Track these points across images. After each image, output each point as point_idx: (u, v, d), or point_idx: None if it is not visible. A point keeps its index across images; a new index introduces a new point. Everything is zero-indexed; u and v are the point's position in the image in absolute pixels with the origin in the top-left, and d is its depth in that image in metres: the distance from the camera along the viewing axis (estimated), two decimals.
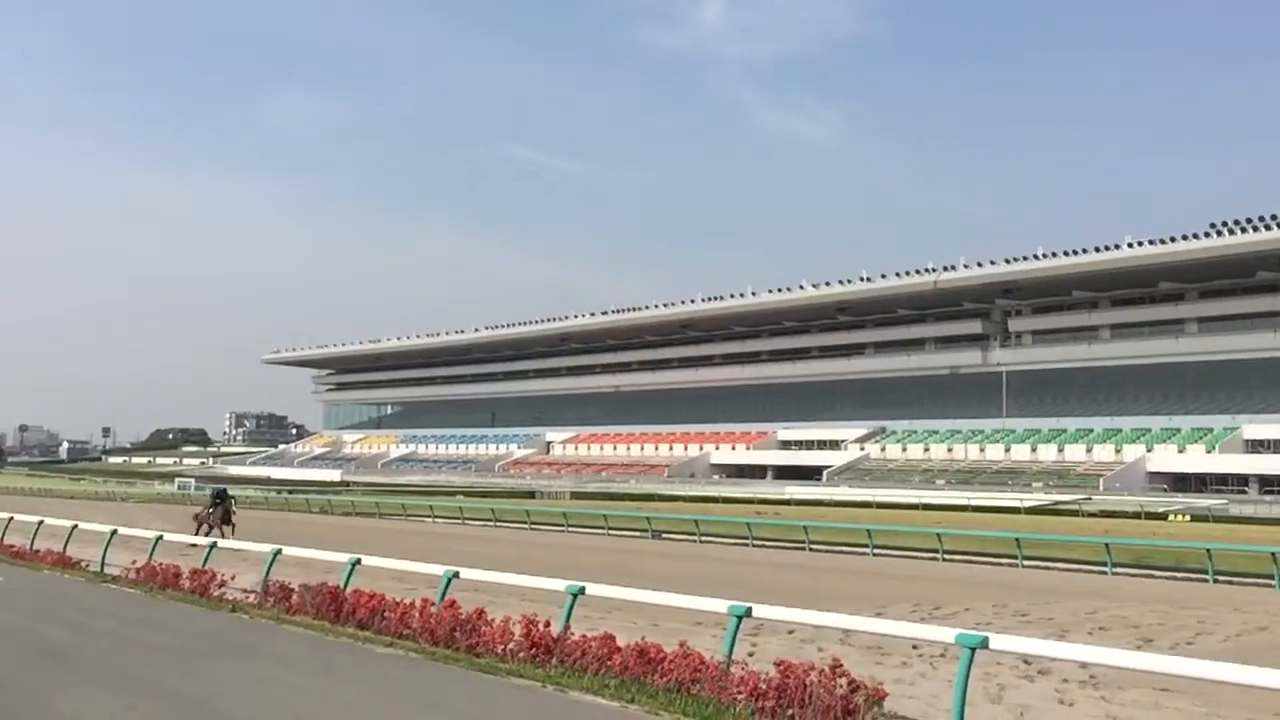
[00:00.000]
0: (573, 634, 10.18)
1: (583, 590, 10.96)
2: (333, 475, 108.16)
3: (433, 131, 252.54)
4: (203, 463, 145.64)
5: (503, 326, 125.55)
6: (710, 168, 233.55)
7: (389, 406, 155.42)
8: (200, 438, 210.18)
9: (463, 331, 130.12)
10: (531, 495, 70.24)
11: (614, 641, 9.65)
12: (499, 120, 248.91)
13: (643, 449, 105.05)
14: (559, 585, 11.42)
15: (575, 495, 70.95)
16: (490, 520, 43.36)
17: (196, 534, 25.44)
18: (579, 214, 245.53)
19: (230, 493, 30.64)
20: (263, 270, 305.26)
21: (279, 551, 15.43)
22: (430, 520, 45.06)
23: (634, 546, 32.05)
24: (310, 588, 13.54)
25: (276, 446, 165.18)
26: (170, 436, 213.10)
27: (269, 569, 14.91)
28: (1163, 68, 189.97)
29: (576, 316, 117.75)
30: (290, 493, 67.66)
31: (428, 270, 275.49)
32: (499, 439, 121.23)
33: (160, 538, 18.97)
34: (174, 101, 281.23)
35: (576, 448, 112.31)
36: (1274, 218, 70.35)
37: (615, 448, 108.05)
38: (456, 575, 12.43)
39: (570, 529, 39.61)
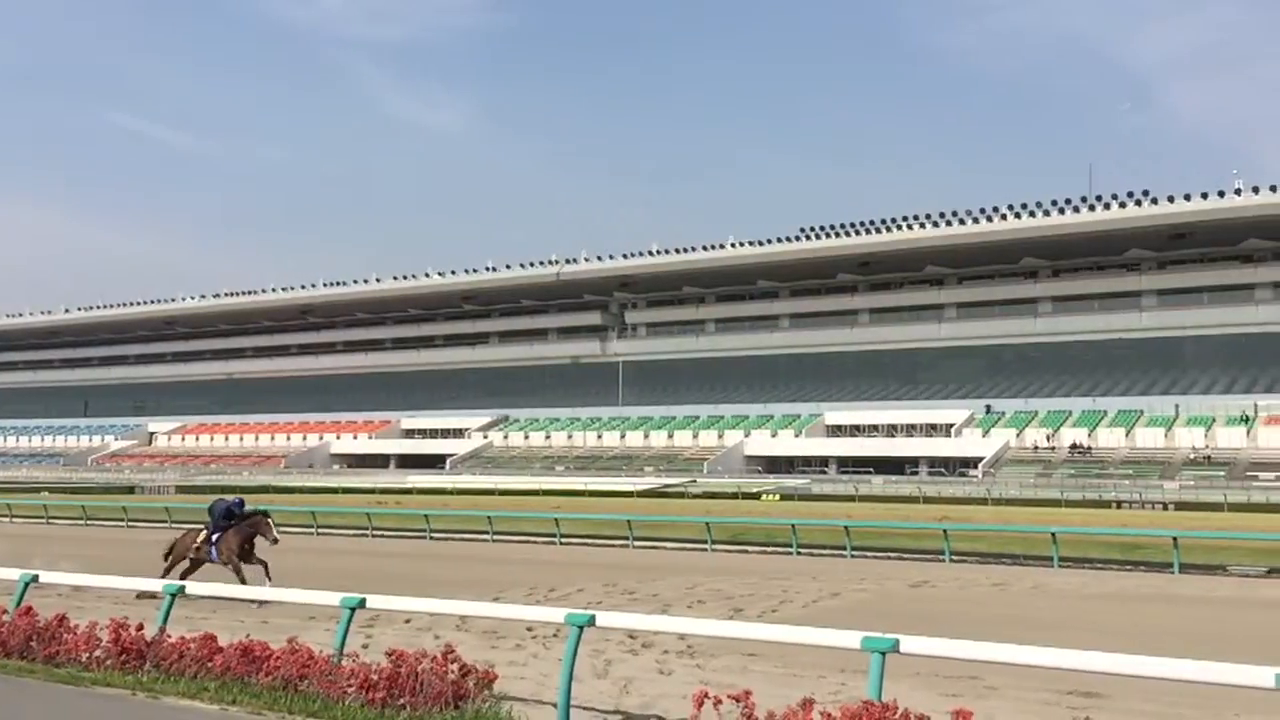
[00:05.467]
0: (169, 636, 9.58)
1: (182, 590, 10.39)
2: None
3: (6, 90, 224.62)
4: None
5: (98, 308, 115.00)
6: (339, 150, 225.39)
7: None
8: None
9: (50, 312, 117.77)
10: (131, 491, 64.83)
11: (215, 641, 9.20)
12: (97, 84, 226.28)
13: (258, 440, 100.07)
14: (156, 585, 10.71)
15: (181, 490, 66.33)
16: (81, 518, 39.60)
17: (184, 575, 16.62)
18: (194, 191, 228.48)
19: (263, 509, 18.13)
20: None
21: None
22: (8, 520, 40.43)
23: None
24: None
25: None
26: None
27: None
28: (789, 79, 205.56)
29: (185, 299, 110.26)
30: None
31: (6, 245, 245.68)
32: (93, 430, 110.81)
33: None
34: None
35: (184, 439, 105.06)
36: (852, 225, 78.76)
37: (228, 439, 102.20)
38: (35, 579, 11.34)
39: (175, 525, 36.97)
